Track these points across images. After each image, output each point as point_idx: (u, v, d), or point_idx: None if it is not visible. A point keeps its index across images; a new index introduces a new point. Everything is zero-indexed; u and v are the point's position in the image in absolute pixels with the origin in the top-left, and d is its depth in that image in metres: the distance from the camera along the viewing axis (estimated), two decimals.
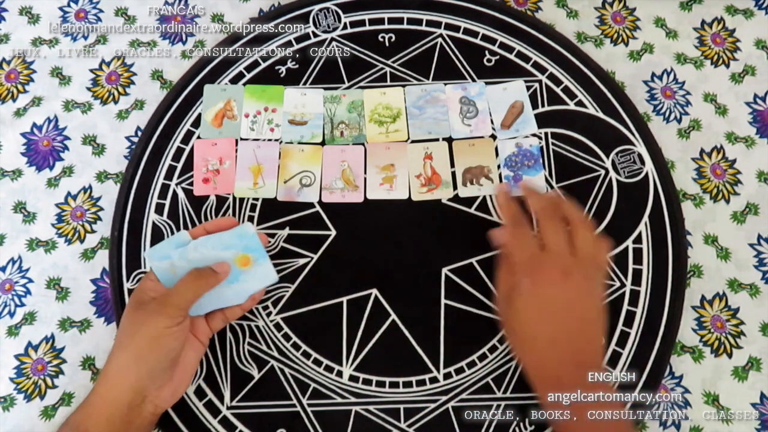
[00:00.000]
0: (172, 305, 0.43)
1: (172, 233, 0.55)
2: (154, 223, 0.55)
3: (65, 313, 0.54)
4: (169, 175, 0.57)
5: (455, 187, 0.57)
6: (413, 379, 0.51)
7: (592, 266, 0.46)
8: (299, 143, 0.58)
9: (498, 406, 0.51)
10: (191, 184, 0.57)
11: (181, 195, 0.56)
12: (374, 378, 0.51)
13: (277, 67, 0.61)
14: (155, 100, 0.60)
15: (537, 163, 0.58)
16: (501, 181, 0.57)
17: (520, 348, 0.47)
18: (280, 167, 0.57)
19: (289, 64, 0.62)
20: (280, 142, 0.58)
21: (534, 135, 0.59)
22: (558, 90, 0.61)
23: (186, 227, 0.55)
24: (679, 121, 0.61)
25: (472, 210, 0.56)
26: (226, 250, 0.48)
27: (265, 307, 0.53)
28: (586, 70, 0.61)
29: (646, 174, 0.57)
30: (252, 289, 0.50)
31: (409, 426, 0.50)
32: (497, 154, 0.58)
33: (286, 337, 0.53)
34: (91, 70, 0.62)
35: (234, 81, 0.61)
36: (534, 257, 0.46)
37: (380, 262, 0.55)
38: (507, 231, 0.49)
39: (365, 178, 0.57)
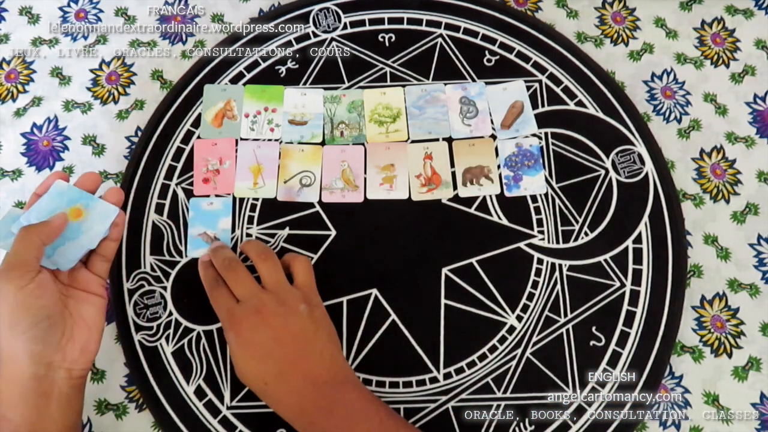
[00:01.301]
0: (12, 267, 0.42)
1: (172, 233, 0.55)
2: (154, 223, 0.55)
3: None
4: (169, 175, 0.57)
5: (455, 187, 0.57)
6: (413, 379, 0.52)
7: (309, 292, 0.49)
8: (299, 143, 0.58)
9: (498, 406, 0.51)
10: (191, 184, 0.57)
11: (181, 195, 0.56)
12: (374, 378, 0.51)
13: (277, 67, 0.61)
14: (155, 100, 0.60)
15: (537, 163, 0.58)
16: (501, 180, 0.57)
17: (261, 395, 0.46)
18: (280, 167, 0.57)
19: (289, 64, 0.62)
20: (280, 142, 0.58)
21: (534, 135, 0.59)
22: (558, 90, 0.61)
23: (186, 227, 0.55)
24: (679, 121, 0.61)
25: (472, 210, 0.56)
26: (52, 215, 0.46)
27: None
28: (586, 70, 0.61)
29: (646, 174, 0.57)
30: (99, 231, 0.47)
31: None
32: (497, 154, 0.58)
33: None
34: (91, 70, 0.62)
35: (234, 81, 0.61)
36: (229, 311, 0.46)
37: (380, 262, 0.55)
38: (208, 293, 0.49)
39: (365, 178, 0.57)
